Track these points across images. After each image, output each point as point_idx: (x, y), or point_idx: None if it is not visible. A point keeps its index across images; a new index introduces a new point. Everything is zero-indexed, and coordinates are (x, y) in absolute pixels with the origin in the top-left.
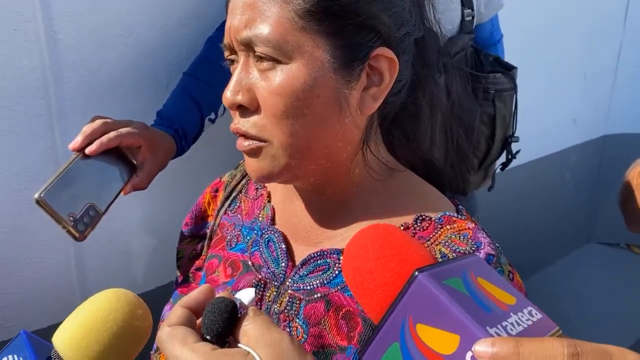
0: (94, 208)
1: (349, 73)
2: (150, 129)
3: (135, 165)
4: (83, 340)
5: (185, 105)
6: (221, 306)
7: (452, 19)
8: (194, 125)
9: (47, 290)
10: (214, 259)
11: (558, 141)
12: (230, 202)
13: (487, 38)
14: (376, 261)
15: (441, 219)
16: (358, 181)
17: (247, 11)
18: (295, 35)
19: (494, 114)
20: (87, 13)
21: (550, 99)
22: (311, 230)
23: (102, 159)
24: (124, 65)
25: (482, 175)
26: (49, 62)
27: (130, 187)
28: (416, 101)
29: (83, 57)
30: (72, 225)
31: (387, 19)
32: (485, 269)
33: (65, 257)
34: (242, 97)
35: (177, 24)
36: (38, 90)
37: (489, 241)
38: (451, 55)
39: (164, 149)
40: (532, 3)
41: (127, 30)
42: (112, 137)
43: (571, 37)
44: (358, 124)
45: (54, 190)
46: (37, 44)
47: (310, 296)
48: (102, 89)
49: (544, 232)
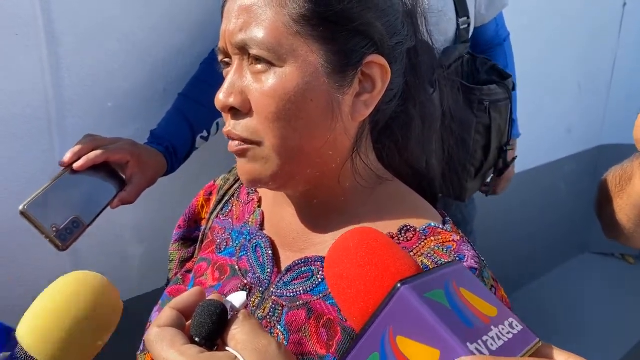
0: (79, 220)
1: (342, 78)
2: (139, 146)
3: (125, 180)
4: (43, 326)
5: (177, 123)
6: (211, 309)
7: (447, 30)
8: (185, 143)
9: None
10: (203, 262)
11: (553, 151)
12: (223, 205)
13: (493, 38)
14: (359, 268)
15: (426, 230)
16: (347, 189)
17: (242, 15)
18: (289, 40)
19: (489, 124)
20: (87, 19)
21: (545, 109)
22: (298, 237)
23: (91, 174)
24: (123, 71)
25: (479, 182)
26: (49, 67)
27: (118, 201)
28: (407, 111)
29: (82, 62)
30: (54, 236)
31: (380, 27)
32: (468, 278)
33: (62, 261)
34: (235, 99)
35: (176, 29)
36: (37, 94)
37: (473, 254)
38: (446, 67)
39: (153, 165)
40: (526, 13)
41: (126, 35)
42: (99, 154)
43: (566, 47)
44: (349, 131)
45: (39, 203)
46: (38, 49)
47: (293, 303)
48: (101, 93)
49: (540, 241)
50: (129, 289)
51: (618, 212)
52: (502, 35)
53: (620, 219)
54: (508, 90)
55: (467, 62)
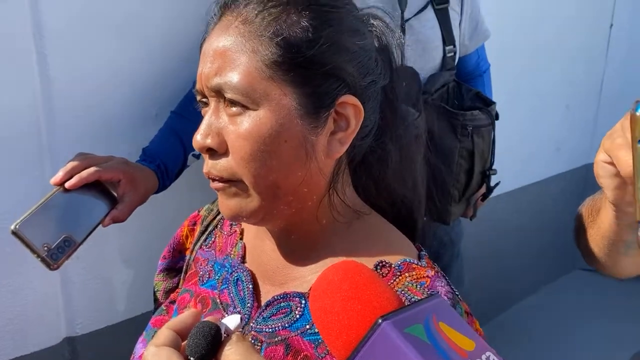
0: (71, 239)
1: (315, 119)
2: (131, 164)
3: (116, 198)
4: None
5: (169, 141)
6: (205, 330)
7: (434, 57)
8: (176, 161)
9: (32, 316)
10: (186, 294)
11: (542, 169)
12: (206, 237)
13: (474, 69)
14: (343, 303)
15: (401, 266)
16: (324, 225)
17: (217, 59)
18: (262, 84)
19: (472, 149)
20: (79, 44)
21: (534, 127)
22: (277, 270)
23: (83, 192)
24: (114, 96)
25: (463, 205)
26: (40, 90)
27: (109, 219)
28: (384, 145)
29: (74, 87)
30: (45, 255)
31: (351, 69)
32: (448, 312)
33: (52, 284)
34: (212, 140)
35: (168, 53)
36: (29, 117)
37: (447, 290)
38: (432, 92)
39: (144, 183)
40: (514, 33)
41: (117, 61)
42: (91, 172)
43: (555, 67)
44: (324, 169)
45: (30, 222)
46: (29, 72)
47: (272, 339)
48: (92, 118)
49: (530, 259)
50: (119, 312)
51: (591, 242)
52: (483, 67)
53: (593, 249)
54: (491, 116)
55: (452, 89)
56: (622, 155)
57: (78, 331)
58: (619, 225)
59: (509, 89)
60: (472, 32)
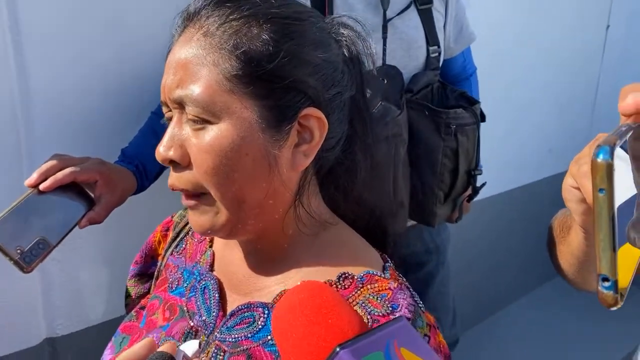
0: (45, 241)
1: (278, 132)
2: (107, 165)
3: (93, 199)
4: None
5: (149, 142)
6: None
7: (417, 56)
8: (155, 162)
9: (12, 317)
10: (155, 300)
11: (534, 171)
12: (177, 243)
13: (460, 72)
14: (304, 327)
15: (363, 278)
16: (290, 236)
17: (179, 71)
18: (223, 97)
19: (456, 148)
20: (60, 47)
21: (526, 128)
22: (244, 280)
23: (58, 194)
24: (95, 99)
25: (449, 207)
26: (19, 92)
27: (86, 221)
28: (353, 156)
29: (53, 89)
30: (18, 258)
31: (314, 82)
32: (410, 336)
33: (32, 285)
34: (174, 152)
35: (149, 55)
36: (7, 121)
37: (409, 302)
38: (415, 91)
39: (122, 184)
40: (508, 33)
41: (98, 63)
42: (66, 173)
43: (550, 69)
44: (289, 181)
45: (2, 225)
46: (7, 74)
47: (234, 349)
48: (72, 119)
49: (521, 261)
50: (99, 313)
51: (560, 258)
52: (469, 70)
53: (563, 265)
54: (475, 115)
55: (437, 90)
56: (587, 185)
57: (58, 332)
58: (589, 247)
59: (503, 90)
60: (457, 35)
